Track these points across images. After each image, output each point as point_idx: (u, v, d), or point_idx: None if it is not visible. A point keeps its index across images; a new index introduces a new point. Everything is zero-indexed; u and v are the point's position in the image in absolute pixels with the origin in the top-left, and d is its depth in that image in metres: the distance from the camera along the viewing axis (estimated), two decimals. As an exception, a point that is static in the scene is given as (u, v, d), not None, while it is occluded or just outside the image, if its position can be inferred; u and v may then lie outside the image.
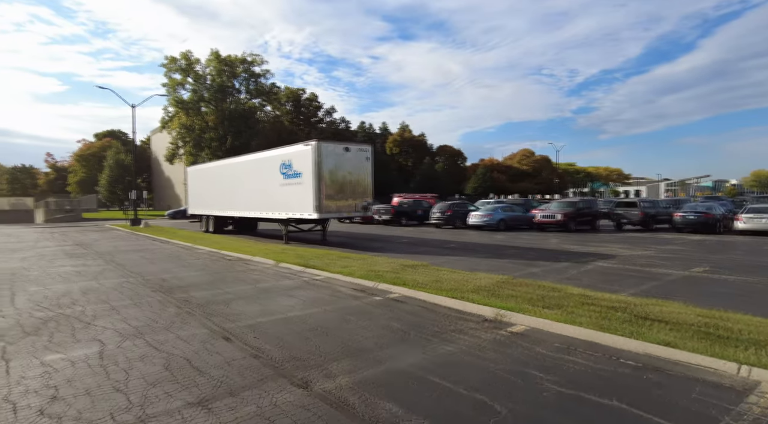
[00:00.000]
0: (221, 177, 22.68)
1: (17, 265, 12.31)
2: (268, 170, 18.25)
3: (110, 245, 18.00)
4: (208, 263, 12.52)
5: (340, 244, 17.48)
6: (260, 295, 8.15)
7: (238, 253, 14.35)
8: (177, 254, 14.92)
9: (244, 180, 20.31)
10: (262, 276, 10.26)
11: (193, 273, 10.78)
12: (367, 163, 16.82)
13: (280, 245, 16.60)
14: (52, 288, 8.88)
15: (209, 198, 24.02)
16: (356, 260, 11.90)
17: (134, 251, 15.68)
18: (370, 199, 16.94)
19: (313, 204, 15.61)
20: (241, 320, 6.42)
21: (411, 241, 18.55)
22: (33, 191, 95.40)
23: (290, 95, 68.83)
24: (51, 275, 10.59)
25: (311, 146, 15.61)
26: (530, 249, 15.08)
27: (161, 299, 7.80)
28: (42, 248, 16.88)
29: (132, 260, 13.22)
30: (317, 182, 15.46)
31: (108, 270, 11.28)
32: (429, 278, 9.04)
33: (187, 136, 56.62)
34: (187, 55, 56.51)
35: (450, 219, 25.23)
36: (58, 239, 21.68)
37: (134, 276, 10.31)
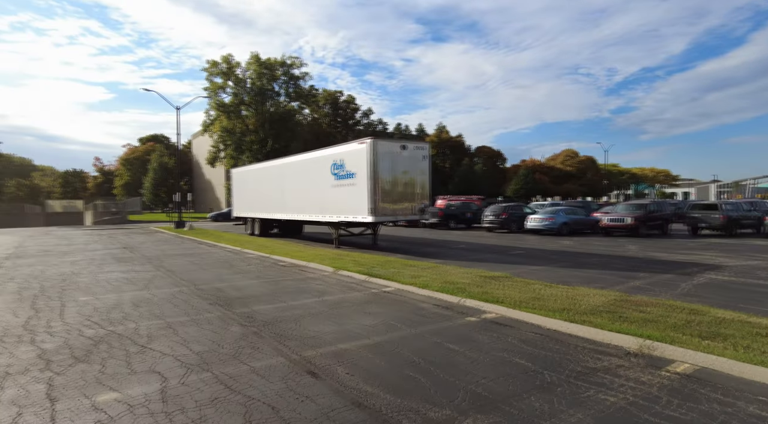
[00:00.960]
0: (267, 179, 22.00)
1: (68, 270, 11.78)
2: (318, 171, 17.33)
3: (157, 249, 17.52)
4: (262, 270, 11.60)
5: (393, 249, 16.33)
6: (330, 311, 7.06)
7: (290, 258, 13.43)
8: (227, 259, 14.15)
9: (292, 181, 19.50)
10: (325, 286, 9.20)
11: (249, 282, 9.85)
12: (425, 162, 15.61)
13: (331, 250, 15.60)
14: (103, 298, 8.10)
15: (254, 200, 23.42)
16: (423, 268, 10.69)
17: (182, 256, 15.05)
18: (427, 201, 15.71)
19: (367, 206, 14.52)
20: (320, 345, 5.31)
21: (469, 246, 17.18)
22: (83, 194, 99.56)
23: (328, 98, 68.59)
24: (100, 282, 9.90)
25: (366, 144, 14.54)
26: (612, 257, 13.43)
27: (221, 315, 6.83)
28: (91, 252, 16.55)
29: (181, 266, 12.49)
30: (372, 183, 14.37)
31: (158, 277, 10.53)
32: (522, 293, 7.72)
33: (228, 140, 57.12)
34: (228, 58, 57.08)
35: (505, 223, 23.65)
36: (105, 241, 21.54)
37: (186, 285, 9.46)
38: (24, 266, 12.73)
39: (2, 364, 4.76)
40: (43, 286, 9.38)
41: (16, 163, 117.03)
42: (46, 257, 15.01)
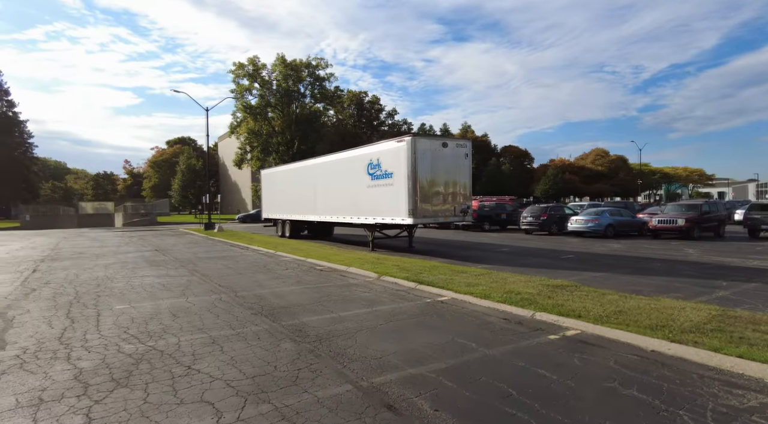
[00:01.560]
0: (298, 180, 21.52)
1: (102, 274, 11.41)
2: (352, 171, 16.69)
3: (189, 252, 17.18)
4: (301, 275, 10.99)
5: (431, 252, 15.54)
6: (387, 324, 6.34)
7: (327, 261, 12.80)
8: (262, 262, 13.62)
9: (325, 182, 18.93)
10: (372, 294, 8.49)
11: (290, 288, 9.23)
12: (466, 161, 14.78)
13: (367, 253, 14.93)
14: (139, 306, 7.58)
15: (285, 202, 22.98)
16: (476, 275, 9.87)
17: (215, 259, 14.61)
18: (469, 202, 14.87)
19: (406, 208, 13.78)
20: (388, 368, 4.59)
21: (513, 250, 16.25)
22: (113, 196, 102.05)
23: (353, 98, 68.23)
24: (135, 287, 9.44)
25: (405, 142, 13.81)
26: (675, 262, 12.34)
27: (269, 328, 6.18)
28: (124, 254, 16.30)
29: (216, 270, 12.00)
30: (411, 183, 13.62)
31: (194, 283, 10.02)
32: (600, 305, 6.84)
33: (255, 141, 57.28)
34: (254, 60, 57.25)
35: (545, 224, 22.56)
36: (137, 243, 21.41)
37: (225, 291, 8.90)
38: (59, 269, 12.46)
39: (36, 387, 4.20)
40: (78, 292, 8.96)
41: (52, 166, 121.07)
42: (80, 259, 14.79)
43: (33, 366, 4.76)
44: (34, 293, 8.91)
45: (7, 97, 65.10)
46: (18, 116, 66.56)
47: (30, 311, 7.30)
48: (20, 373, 4.56)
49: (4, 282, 10.29)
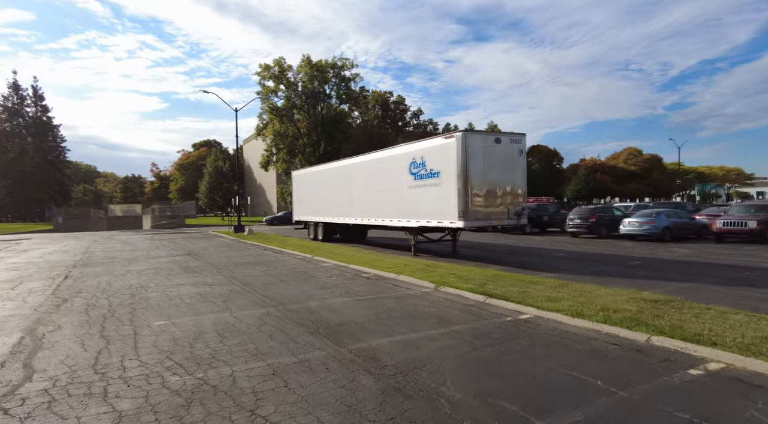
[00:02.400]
0: (332, 181, 20.64)
1: (135, 281, 10.68)
2: (392, 171, 15.69)
3: (223, 256, 16.45)
4: (348, 284, 10.02)
5: (479, 258, 14.40)
6: (472, 351, 5.28)
7: (372, 268, 11.82)
8: (301, 268, 12.72)
9: (361, 183, 17.99)
10: (438, 309, 7.44)
11: (341, 300, 8.25)
12: (521, 158, 13.59)
13: (412, 259, 13.89)
14: (179, 323, 6.71)
15: (317, 204, 22.15)
16: (551, 287, 8.72)
17: (252, 264, 13.80)
18: (524, 203, 13.67)
19: (456, 210, 12.69)
20: (509, 420, 3.53)
21: (570, 255, 14.97)
22: (141, 199, 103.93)
23: (378, 99, 67.39)
24: (172, 298, 8.62)
25: (455, 138, 12.72)
26: None
27: (335, 354, 5.20)
28: (155, 259, 15.67)
29: (256, 277, 11.14)
30: (462, 183, 12.52)
31: (235, 292, 9.15)
32: (731, 328, 5.62)
33: (281, 143, 56.99)
34: (280, 61, 56.98)
35: (594, 227, 21.09)
36: (167, 247, 20.89)
37: (272, 304, 7.98)
38: (91, 276, 11.82)
39: (65, 440, 3.29)
40: (112, 303, 8.17)
41: (83, 170, 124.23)
42: (112, 265, 14.19)
43: (63, 407, 3.87)
44: (66, 304, 8.17)
45: (42, 103, 66.69)
46: (52, 121, 68.12)
47: (61, 327, 6.50)
48: (48, 416, 3.67)
49: (36, 291, 9.63)
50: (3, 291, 9.61)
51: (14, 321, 6.92)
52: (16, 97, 64.70)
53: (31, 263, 15.15)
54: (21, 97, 65.18)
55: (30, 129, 66.28)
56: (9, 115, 64.30)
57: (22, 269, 13.48)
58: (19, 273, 12.49)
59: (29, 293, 9.36)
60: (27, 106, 66.15)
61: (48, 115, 67.59)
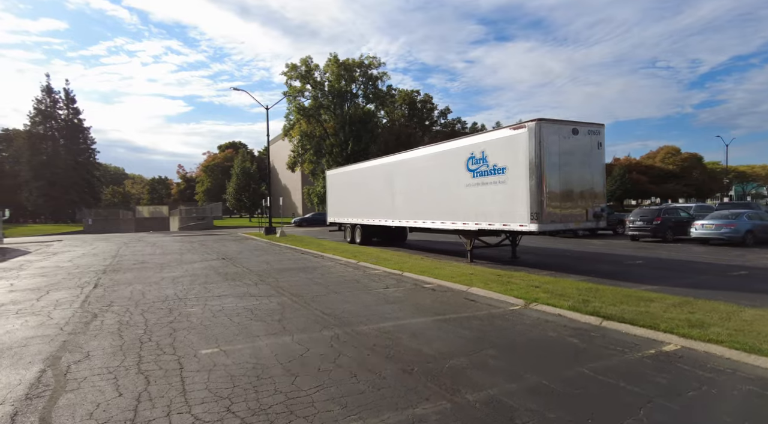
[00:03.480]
0: (371, 180, 19.28)
1: (171, 292, 9.48)
2: (445, 168, 14.22)
3: (260, 261, 15.24)
4: (413, 297, 8.59)
5: (544, 265, 12.80)
6: (645, 405, 3.76)
7: (433, 277, 10.36)
8: (351, 276, 11.35)
9: (406, 182, 16.56)
10: (546, 337, 5.93)
11: (417, 320, 6.83)
12: (599, 152, 11.94)
13: (474, 266, 12.39)
14: (232, 352, 5.38)
15: (355, 205, 20.82)
16: (673, 305, 7.11)
17: (294, 271, 12.51)
18: (603, 203, 12.01)
19: (527, 211, 11.13)
20: None
21: (648, 262, 13.22)
22: (167, 200, 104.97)
23: (405, 98, 65.95)
24: (216, 314, 7.33)
25: (526, 129, 11.16)
26: None
27: (454, 409, 3.75)
28: (189, 264, 14.56)
29: (305, 287, 9.81)
30: (536, 180, 10.96)
31: (288, 307, 7.82)
32: None
33: (308, 144, 56.15)
34: (307, 61, 56.15)
35: (658, 230, 19.14)
36: (199, 250, 19.87)
37: (336, 324, 6.60)
38: (122, 284, 10.70)
39: None
40: (148, 321, 6.93)
41: (112, 171, 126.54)
42: (144, 271, 13.11)
43: None
44: (96, 321, 6.96)
45: (73, 105, 67.58)
46: (82, 123, 68.98)
47: (90, 356, 5.25)
48: None
49: (63, 302, 8.50)
50: (27, 302, 8.52)
51: (36, 346, 5.72)
52: (49, 100, 65.71)
53: (59, 267, 14.23)
54: (54, 100, 66.18)
55: (62, 131, 67.23)
56: (42, 118, 65.32)
57: (50, 274, 12.51)
58: (47, 280, 11.49)
59: (55, 305, 8.23)
60: (59, 109, 67.14)
61: (79, 118, 68.47)
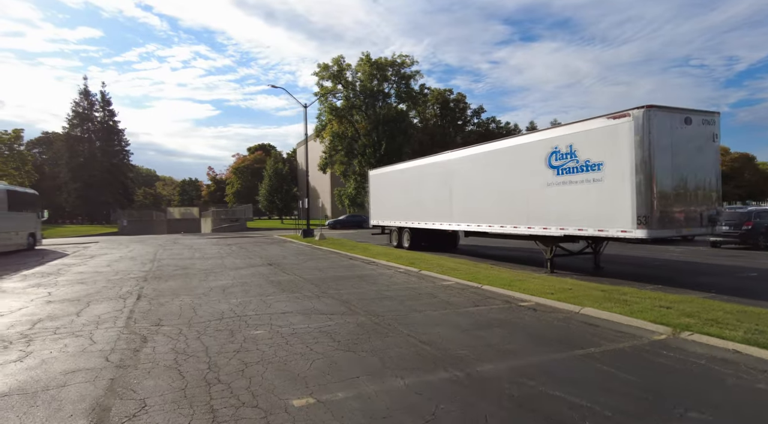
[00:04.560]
0: (423, 180, 17.81)
1: (225, 306, 8.20)
2: (518, 165, 12.63)
3: (310, 267, 13.95)
4: (516, 319, 7.05)
5: (639, 276, 11.06)
6: None
7: (520, 292, 8.82)
8: (420, 288, 9.88)
9: (468, 182, 15.00)
10: (749, 385, 4.31)
11: (548, 356, 5.30)
12: (714, 145, 10.16)
13: (558, 278, 10.76)
14: (332, 402, 3.97)
15: (403, 206, 19.38)
16: None
17: (353, 280, 11.13)
18: (718, 205, 10.19)
19: (632, 214, 9.44)
20: None
21: (763, 275, 11.28)
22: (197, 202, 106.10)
23: (438, 97, 64.29)
24: (289, 340, 5.98)
25: (631, 118, 9.47)
26: None
27: None
28: (235, 270, 13.38)
29: (376, 302, 8.39)
30: (644, 178, 9.27)
31: (371, 330, 6.40)
32: None
33: (339, 144, 55.15)
34: (339, 60, 55.21)
35: (749, 236, 16.98)
36: (240, 254, 18.79)
37: (446, 359, 5.14)
38: (167, 294, 9.53)
39: None
40: (209, 349, 5.61)
41: (144, 174, 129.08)
42: (188, 278, 11.98)
43: None
44: (146, 348, 5.69)
45: (109, 108, 68.66)
46: (117, 125, 70.00)
47: (147, 407, 3.93)
48: None
49: (106, 318, 7.33)
50: (66, 318, 7.38)
51: (77, 385, 4.46)
52: (86, 103, 66.90)
53: (98, 272, 13.27)
54: (90, 102, 67.37)
55: (98, 133, 68.37)
56: (80, 120, 66.53)
57: (89, 281, 11.50)
58: (86, 288, 10.45)
59: (97, 322, 7.04)
60: (95, 111, 68.31)
61: (114, 120, 69.56)
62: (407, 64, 56.43)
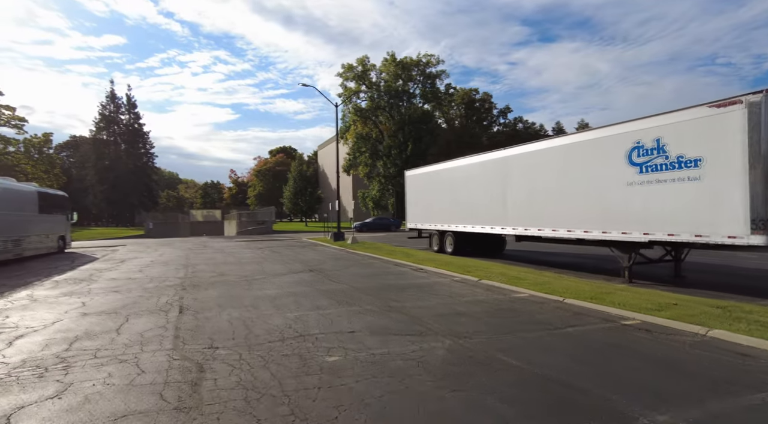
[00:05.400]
0: (470, 180, 16.62)
1: (281, 322, 7.17)
2: (591, 162, 11.38)
3: (354, 274, 12.90)
4: (639, 345, 5.83)
5: (732, 287, 9.68)
6: None
7: (619, 308, 7.59)
8: (495, 302, 8.71)
9: (525, 181, 13.77)
10: None
11: (725, 405, 4.09)
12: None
13: (652, 290, 9.45)
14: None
15: (446, 209, 18.21)
16: None
17: (410, 290, 10.03)
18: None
19: (745, 217, 8.13)
20: None
21: None
22: (219, 204, 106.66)
23: (464, 96, 62.94)
24: (376, 373, 4.89)
25: (744, 105, 8.14)
26: None
27: None
28: (276, 277, 12.42)
29: (452, 320, 7.26)
30: (761, 176, 7.95)
31: (464, 356, 5.28)
32: None
33: (363, 146, 54.30)
34: (364, 61, 54.48)
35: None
36: (274, 258, 17.89)
37: (599, 406, 3.97)
38: (211, 307, 8.57)
39: None
40: (283, 385, 4.56)
41: (166, 177, 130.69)
42: (228, 285, 11.05)
43: None
44: (206, 381, 4.66)
45: (134, 110, 69.23)
46: (142, 128, 70.53)
47: (229, 480, 2.87)
48: None
49: (150, 338, 6.36)
50: (106, 336, 6.44)
51: (130, 439, 3.43)
52: (112, 106, 67.57)
53: (131, 279, 12.46)
54: (117, 105, 68.03)
55: (123, 136, 68.98)
56: (106, 123, 67.22)
57: (124, 289, 10.66)
58: (121, 297, 9.58)
59: (141, 343, 6.08)
60: (121, 114, 68.94)
61: (139, 123, 70.10)
62: (432, 64, 55.37)
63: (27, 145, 57.25)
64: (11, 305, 8.89)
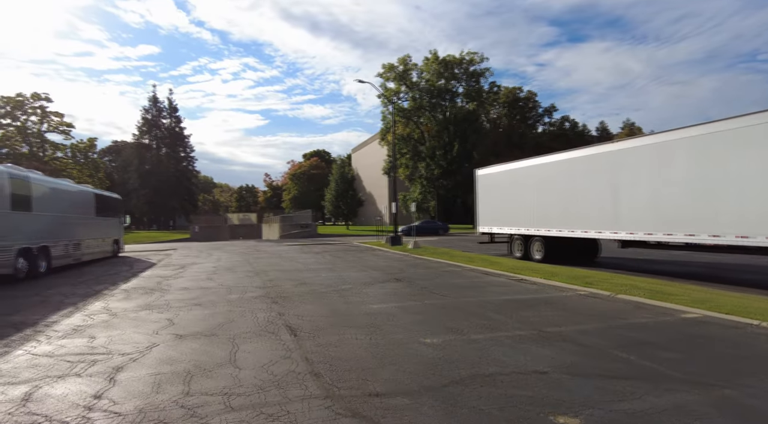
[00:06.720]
0: (568, 178, 14.84)
1: (428, 352, 5.65)
2: (746, 153, 9.48)
3: (450, 284, 11.34)
4: None
5: None
6: None
7: None
8: (669, 325, 6.98)
9: (648, 178, 11.93)
10: None
11: None
12: None
13: None
14: None
15: (532, 211, 16.46)
16: None
17: (536, 306, 8.39)
18: None
19: None
20: None
21: None
22: (254, 208, 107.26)
23: (508, 95, 60.72)
24: None
25: None
26: None
27: None
28: (364, 286, 10.98)
29: (634, 350, 5.59)
30: None
31: (711, 413, 3.62)
32: None
33: (404, 147, 52.85)
34: (405, 60, 53.16)
35: None
36: (341, 264, 16.55)
37: None
38: (325, 327, 7.17)
39: None
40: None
41: (202, 181, 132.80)
42: (321, 297, 9.68)
43: None
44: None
45: (175, 114, 69.97)
46: (183, 131, 71.23)
47: None
48: None
49: (282, 376, 4.96)
50: (224, 371, 5.08)
51: None
52: (155, 110, 68.48)
53: (205, 288, 11.29)
54: (158, 109, 68.91)
55: (164, 140, 69.80)
56: (148, 127, 68.15)
57: (205, 302, 9.42)
58: (209, 313, 8.32)
59: (276, 384, 4.64)
60: (163, 117, 69.79)
61: (180, 126, 70.80)
62: (476, 62, 53.54)
63: (73, 150, 58.38)
64: (91, 321, 7.74)
